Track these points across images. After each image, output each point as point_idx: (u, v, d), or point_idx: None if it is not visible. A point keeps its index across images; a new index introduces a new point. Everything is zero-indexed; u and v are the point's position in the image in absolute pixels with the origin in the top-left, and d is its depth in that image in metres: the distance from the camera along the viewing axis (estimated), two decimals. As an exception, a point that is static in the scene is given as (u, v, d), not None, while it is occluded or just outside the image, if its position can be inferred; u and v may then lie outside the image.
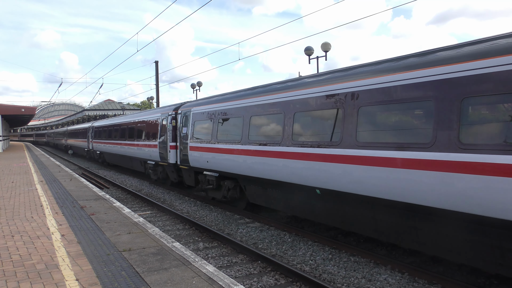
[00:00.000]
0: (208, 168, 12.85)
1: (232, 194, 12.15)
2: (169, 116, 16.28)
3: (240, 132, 11.04)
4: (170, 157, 15.89)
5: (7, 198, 11.81)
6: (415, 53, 7.01)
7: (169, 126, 16.13)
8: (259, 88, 11.10)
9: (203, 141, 13.15)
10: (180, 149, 15.06)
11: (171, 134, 15.91)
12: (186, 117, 14.81)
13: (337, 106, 7.91)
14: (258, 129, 10.45)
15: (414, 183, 6.28)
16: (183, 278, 5.29)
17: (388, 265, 7.38)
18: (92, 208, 10.30)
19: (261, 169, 10.00)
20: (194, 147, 13.79)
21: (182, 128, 14.97)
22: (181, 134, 15.07)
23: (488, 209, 5.35)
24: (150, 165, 18.89)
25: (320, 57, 22.77)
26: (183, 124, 14.96)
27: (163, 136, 16.69)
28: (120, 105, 64.38)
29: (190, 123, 14.32)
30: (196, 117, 14.05)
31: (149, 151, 18.42)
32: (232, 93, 12.63)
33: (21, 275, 5.41)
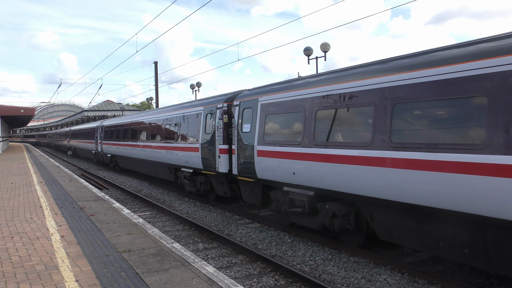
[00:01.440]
0: (293, 182, 9.05)
1: (341, 225, 8.21)
2: (218, 110, 12.37)
3: (370, 129, 7.19)
4: (219, 164, 12.06)
5: (6, 199, 11.79)
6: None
7: (218, 123, 12.32)
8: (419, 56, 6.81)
9: (285, 144, 9.26)
10: (238, 154, 11.13)
11: (221, 134, 12.05)
12: (249, 110, 10.87)
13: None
14: (416, 125, 6.73)
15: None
16: (183, 279, 5.28)
17: (388, 266, 7.38)
18: (91, 209, 10.29)
19: (427, 192, 6.19)
20: (266, 151, 9.91)
21: (242, 125, 11.01)
22: (239, 133, 11.09)
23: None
24: (186, 174, 14.72)
25: (319, 58, 22.78)
26: (243, 119, 11.04)
27: (209, 136, 12.80)
28: (120, 106, 64.33)
29: (258, 118, 10.39)
30: (269, 109, 10.06)
31: (185, 156, 14.46)
32: (347, 70, 8.29)
33: (20, 276, 5.40)
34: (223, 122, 12.08)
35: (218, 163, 12.16)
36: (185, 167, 14.66)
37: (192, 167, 14.10)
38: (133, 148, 21.07)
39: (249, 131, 10.72)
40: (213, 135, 12.55)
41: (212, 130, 12.66)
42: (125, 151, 22.57)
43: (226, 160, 11.94)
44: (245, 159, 10.84)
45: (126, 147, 22.42)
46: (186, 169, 14.62)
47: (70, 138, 45.47)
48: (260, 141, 10.21)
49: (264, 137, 10.11)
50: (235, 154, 11.36)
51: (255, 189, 10.83)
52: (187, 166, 14.50)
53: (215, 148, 12.37)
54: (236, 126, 11.39)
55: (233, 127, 11.59)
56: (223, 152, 12.02)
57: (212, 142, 12.60)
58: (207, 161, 12.88)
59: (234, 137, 11.47)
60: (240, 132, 11.09)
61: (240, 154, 11.09)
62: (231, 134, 11.85)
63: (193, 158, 13.80)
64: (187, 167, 14.49)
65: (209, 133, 12.85)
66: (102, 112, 61.82)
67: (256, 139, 10.37)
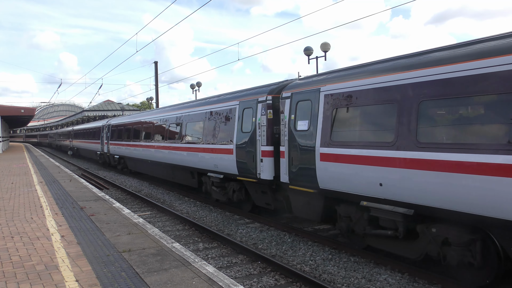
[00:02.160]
0: (378, 196, 7.00)
1: (459, 257, 6.19)
2: (260, 104, 10.34)
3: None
4: (262, 169, 10.09)
5: (6, 199, 11.80)
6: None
7: (259, 120, 10.30)
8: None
9: (367, 145, 7.23)
10: (290, 157, 9.12)
11: (264, 133, 10.08)
12: (306, 103, 8.83)
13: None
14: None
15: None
16: (183, 279, 5.28)
17: (388, 265, 7.38)
18: (91, 209, 10.29)
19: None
20: (334, 155, 7.88)
21: (296, 122, 9.01)
22: (292, 132, 9.10)
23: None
24: (215, 180, 12.69)
25: (319, 57, 22.78)
26: (297, 115, 9.04)
27: (247, 135, 10.78)
28: (120, 105, 64.38)
29: (321, 113, 8.34)
30: (338, 100, 7.98)
31: (214, 159, 12.38)
32: (480, 41, 6.02)
33: (21, 276, 5.40)
34: (267, 118, 10.08)
35: (260, 168, 10.12)
36: (213, 172, 12.58)
37: (222, 172, 12.03)
38: (146, 149, 18.94)
39: (307, 129, 8.64)
40: (252, 134, 10.49)
41: (251, 128, 10.57)
42: (136, 152, 20.54)
43: (271, 164, 9.95)
44: (300, 164, 8.76)
45: (137, 148, 20.34)
46: (214, 174, 12.54)
47: (72, 138, 43.90)
48: (325, 141, 8.10)
49: (331, 136, 8.00)
50: (284, 158, 9.28)
51: (314, 201, 8.70)
52: (216, 171, 12.40)
53: (256, 150, 10.30)
54: (286, 124, 9.30)
55: (282, 125, 9.51)
56: (266, 154, 10.01)
57: (251, 142, 10.53)
58: (244, 166, 10.82)
59: (283, 137, 9.41)
60: (293, 131, 9.02)
61: (293, 158, 9.02)
62: (277, 133, 9.94)
63: (225, 162, 11.73)
64: (216, 172, 12.38)
65: (247, 132, 10.79)
66: (102, 112, 61.84)
67: (318, 139, 8.26)
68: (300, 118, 8.97)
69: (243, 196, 11.73)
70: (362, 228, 7.65)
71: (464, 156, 5.65)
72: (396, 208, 6.73)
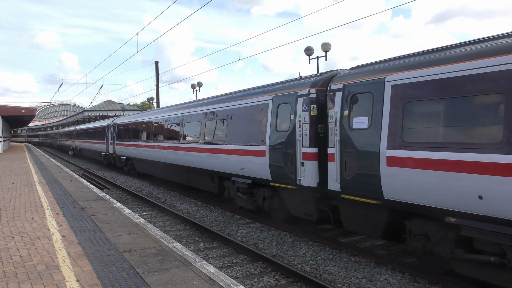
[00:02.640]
0: (477, 212, 5.64)
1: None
2: (301, 98, 8.91)
3: None
4: (303, 174, 8.77)
5: (7, 199, 11.81)
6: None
7: (300, 117, 8.89)
8: None
9: (457, 147, 5.87)
10: (342, 161, 7.76)
11: (307, 132, 8.71)
12: (365, 96, 7.47)
13: None
14: None
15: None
16: (184, 279, 5.29)
17: (389, 265, 7.38)
18: (92, 209, 10.30)
19: None
20: (408, 159, 6.47)
21: (351, 119, 7.66)
22: (345, 130, 7.74)
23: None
24: (241, 186, 11.24)
25: (320, 57, 22.78)
26: (353, 110, 7.68)
27: (283, 135, 9.43)
28: (121, 105, 64.46)
29: (386, 108, 6.93)
30: (412, 92, 6.56)
31: (241, 162, 11.03)
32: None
33: (21, 276, 5.41)
34: (310, 115, 8.65)
35: (301, 173, 8.80)
36: (239, 176, 11.19)
37: (251, 176, 10.64)
38: (157, 151, 17.55)
39: (366, 128, 7.30)
40: (291, 134, 9.13)
41: (289, 126, 9.22)
42: (146, 153, 19.08)
43: (315, 169, 8.59)
44: (358, 170, 7.42)
45: (146, 149, 18.89)
46: (240, 179, 11.15)
47: (75, 138, 42.75)
48: (394, 142, 6.71)
49: (402, 136, 6.60)
50: (334, 162, 7.94)
51: (375, 214, 7.37)
52: (242, 175, 11.00)
53: (296, 152, 8.94)
54: (337, 121, 7.93)
55: (330, 122, 8.13)
56: (309, 157, 8.64)
57: (289, 143, 9.18)
58: (280, 170, 9.46)
59: (332, 137, 8.03)
60: (347, 130, 7.67)
61: (346, 162, 7.66)
62: (321, 133, 8.66)
63: (255, 165, 10.33)
64: (243, 176, 10.98)
65: (283, 130, 9.44)
66: (103, 112, 61.90)
67: (383, 139, 6.89)
68: (356, 114, 7.58)
69: (275, 204, 10.27)
70: (447, 250, 6.25)
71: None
72: (504, 229, 5.31)
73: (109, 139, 26.65)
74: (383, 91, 7.07)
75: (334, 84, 8.24)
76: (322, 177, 8.56)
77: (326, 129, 8.43)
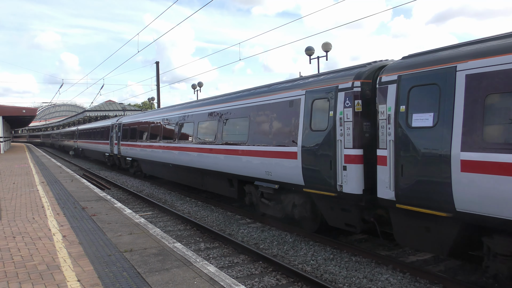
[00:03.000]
0: None
1: None
2: (343, 92, 7.82)
3: None
4: (345, 179, 7.68)
5: (8, 199, 11.82)
6: None
7: (341, 114, 7.78)
8: None
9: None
10: (398, 165, 6.68)
11: (350, 131, 7.61)
12: (427, 88, 6.43)
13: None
14: None
15: None
16: (185, 279, 5.29)
17: (390, 265, 7.37)
18: (93, 209, 10.31)
19: None
20: (495, 164, 5.43)
21: (409, 115, 6.57)
22: (401, 129, 6.70)
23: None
24: (265, 191, 10.18)
25: (320, 57, 22.79)
26: (411, 105, 6.58)
27: (320, 134, 8.30)
28: (121, 106, 64.55)
29: (459, 102, 5.94)
30: (499, 83, 5.53)
31: (266, 164, 9.90)
32: None
33: (22, 276, 5.42)
34: (354, 111, 7.57)
35: (342, 178, 7.73)
36: (264, 181, 10.08)
37: (278, 181, 9.57)
38: (166, 151, 16.44)
39: (432, 126, 6.26)
40: (329, 133, 8.03)
41: (327, 125, 8.13)
42: (154, 154, 17.98)
43: (359, 174, 7.50)
44: (420, 175, 6.34)
45: (155, 150, 17.80)
46: (266, 184, 10.04)
47: (77, 138, 41.49)
48: (470, 143, 5.67)
49: (483, 135, 5.55)
50: (387, 166, 6.87)
51: (441, 228, 6.32)
52: (268, 179, 9.90)
53: (336, 154, 7.85)
54: (390, 118, 6.85)
55: (381, 120, 7.03)
56: (352, 160, 7.56)
57: (327, 144, 8.10)
58: (316, 174, 8.38)
59: (385, 137, 6.96)
60: (405, 128, 6.60)
61: (404, 166, 6.59)
62: (367, 132, 7.59)
63: (284, 169, 9.28)
64: (269, 180, 9.88)
65: (319, 129, 8.33)
66: (103, 112, 61.97)
67: (456, 139, 5.86)
68: (417, 110, 6.46)
69: (307, 212, 9.18)
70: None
71: None
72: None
73: (113, 140, 25.60)
74: (454, 82, 6.01)
75: (386, 76, 7.07)
76: (367, 183, 7.50)
77: (373, 127, 7.45)
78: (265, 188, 10.12)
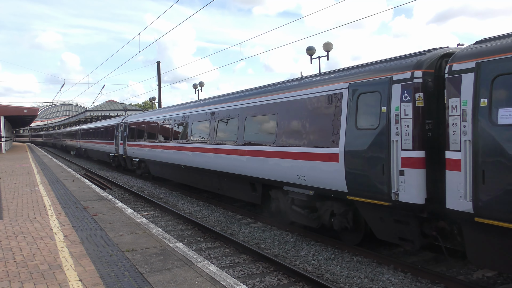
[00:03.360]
0: None
1: None
2: (399, 84, 6.80)
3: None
4: (403, 186, 6.65)
5: (10, 199, 11.84)
6: None
7: (396, 109, 6.77)
8: None
9: None
10: (479, 171, 5.64)
11: (409, 130, 6.56)
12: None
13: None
14: None
15: None
16: (186, 278, 5.30)
17: (391, 265, 7.37)
18: (95, 208, 10.32)
19: None
20: None
21: (495, 110, 5.56)
22: (483, 127, 5.65)
23: None
24: (297, 197, 9.15)
25: (322, 57, 22.77)
26: (498, 99, 5.53)
27: (369, 134, 7.26)
28: (122, 105, 64.68)
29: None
30: None
31: (298, 167, 8.89)
32: None
33: (24, 276, 5.43)
34: (414, 106, 6.53)
35: (398, 185, 6.67)
36: (296, 186, 9.06)
37: (314, 186, 8.53)
38: (178, 152, 15.40)
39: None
40: (381, 132, 6.98)
41: (378, 123, 7.07)
42: (164, 155, 16.93)
43: (421, 180, 6.46)
44: (509, 184, 5.30)
45: (165, 150, 16.73)
46: (297, 189, 9.04)
47: (80, 138, 40.42)
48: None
49: None
50: (461, 171, 5.80)
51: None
52: (301, 184, 8.87)
53: (390, 156, 6.79)
54: (465, 114, 5.79)
55: (452, 117, 5.97)
56: (412, 164, 6.50)
57: (378, 145, 7.02)
58: (363, 180, 7.30)
59: (457, 136, 5.89)
60: (488, 126, 5.52)
61: (487, 172, 5.51)
62: (429, 131, 6.59)
63: (321, 173, 8.25)
64: (302, 186, 8.85)
65: (368, 128, 7.29)
66: (105, 112, 62.07)
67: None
68: (505, 104, 5.41)
69: (350, 223, 8.17)
70: None
71: None
72: None
73: (119, 139, 24.41)
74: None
75: (459, 63, 5.95)
76: (430, 191, 6.50)
77: (437, 126, 6.55)
78: (297, 194, 9.07)
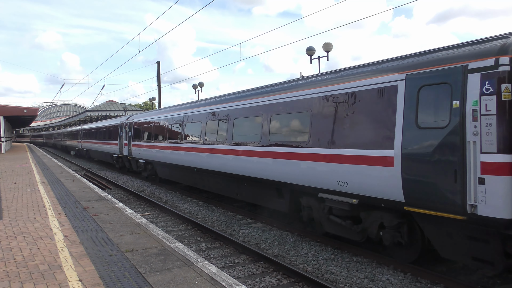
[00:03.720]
0: None
1: None
2: (477, 74, 5.69)
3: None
4: (482, 197, 5.57)
5: (10, 199, 11.84)
6: None
7: (473, 104, 5.72)
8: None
9: None
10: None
11: (493, 129, 5.49)
12: None
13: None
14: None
15: None
16: (186, 279, 5.30)
17: (391, 265, 7.38)
18: (94, 209, 10.32)
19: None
20: None
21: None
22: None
23: None
24: (336, 206, 8.06)
25: (321, 57, 22.78)
26: None
27: (436, 134, 6.18)
28: (122, 106, 64.67)
29: None
30: None
31: (342, 172, 7.74)
32: None
33: (24, 276, 5.43)
34: (500, 100, 5.48)
35: (477, 196, 5.59)
36: (335, 193, 7.95)
37: (358, 194, 7.44)
38: (190, 153, 14.29)
39: None
40: (454, 131, 5.88)
41: (449, 120, 5.98)
42: (174, 156, 15.76)
43: (509, 190, 5.37)
44: None
45: (175, 151, 15.59)
46: (337, 197, 7.90)
47: (81, 138, 39.09)
48: None
49: None
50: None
51: None
52: (342, 191, 7.76)
53: (465, 160, 5.72)
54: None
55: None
56: (497, 170, 5.42)
57: (449, 146, 5.94)
58: (428, 188, 6.20)
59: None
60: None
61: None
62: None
63: (369, 178, 7.12)
64: (343, 193, 7.75)
65: (435, 126, 6.20)
66: (105, 112, 62.05)
67: None
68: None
69: (404, 237, 7.09)
70: None
71: None
72: None
73: (123, 140, 23.32)
74: None
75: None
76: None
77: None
78: (337, 202, 7.95)
